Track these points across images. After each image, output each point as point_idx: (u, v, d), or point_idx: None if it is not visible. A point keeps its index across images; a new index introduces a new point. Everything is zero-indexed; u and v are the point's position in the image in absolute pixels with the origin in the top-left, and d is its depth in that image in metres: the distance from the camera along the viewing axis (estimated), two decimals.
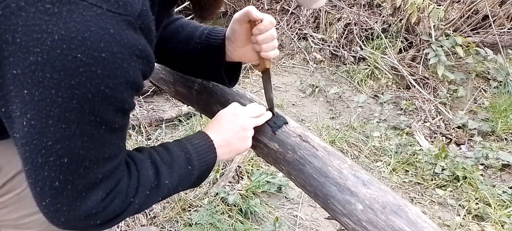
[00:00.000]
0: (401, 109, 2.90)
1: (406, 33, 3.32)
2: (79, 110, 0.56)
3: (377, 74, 3.18)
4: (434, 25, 3.07)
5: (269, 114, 0.98)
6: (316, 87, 3.11)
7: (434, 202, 2.14)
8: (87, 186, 0.62)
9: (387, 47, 3.23)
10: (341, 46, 3.41)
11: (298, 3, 1.19)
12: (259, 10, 1.05)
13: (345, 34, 3.46)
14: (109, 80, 0.56)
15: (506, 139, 2.63)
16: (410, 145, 2.52)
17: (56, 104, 0.55)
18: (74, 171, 0.60)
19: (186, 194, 1.97)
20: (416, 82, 3.04)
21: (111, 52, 0.54)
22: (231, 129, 0.88)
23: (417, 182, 2.27)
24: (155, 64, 1.24)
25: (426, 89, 3.02)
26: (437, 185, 2.24)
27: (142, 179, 0.71)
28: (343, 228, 0.84)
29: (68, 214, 0.62)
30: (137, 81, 0.60)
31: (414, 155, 2.44)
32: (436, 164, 2.32)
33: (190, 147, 0.81)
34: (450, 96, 2.94)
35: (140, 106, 2.67)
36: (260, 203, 1.95)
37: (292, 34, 3.63)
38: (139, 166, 0.72)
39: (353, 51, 3.36)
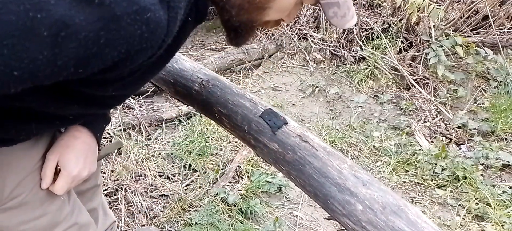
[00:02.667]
0: (401, 109, 2.90)
1: (406, 33, 3.31)
2: None
3: (377, 74, 3.18)
4: (434, 25, 3.06)
5: None
6: (316, 87, 3.11)
7: (434, 202, 2.14)
8: None
9: (387, 47, 3.22)
10: (341, 46, 3.41)
11: (330, 23, 1.16)
12: None
13: (345, 34, 3.45)
14: None
15: (506, 139, 2.63)
16: (410, 145, 2.52)
17: None
18: None
19: (186, 194, 1.97)
20: (416, 82, 3.04)
21: None
22: None
23: (417, 182, 2.26)
24: None
25: (426, 89, 3.02)
26: (437, 185, 2.24)
27: None
28: (343, 228, 0.84)
29: None
30: None
31: (414, 155, 2.44)
32: (436, 164, 2.32)
33: None
34: (450, 96, 2.94)
35: (140, 106, 2.67)
36: (260, 203, 1.95)
37: (292, 34, 3.62)
38: None
39: (353, 51, 3.36)
